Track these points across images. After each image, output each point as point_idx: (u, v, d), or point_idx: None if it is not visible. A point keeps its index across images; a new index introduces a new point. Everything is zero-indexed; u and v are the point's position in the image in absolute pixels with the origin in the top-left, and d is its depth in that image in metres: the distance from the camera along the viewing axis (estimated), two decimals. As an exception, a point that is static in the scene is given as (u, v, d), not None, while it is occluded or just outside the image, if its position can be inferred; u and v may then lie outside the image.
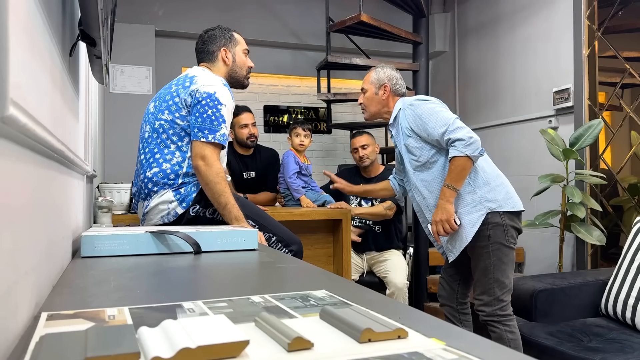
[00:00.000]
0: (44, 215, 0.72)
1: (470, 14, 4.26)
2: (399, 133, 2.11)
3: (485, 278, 1.95)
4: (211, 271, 1.01)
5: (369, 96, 2.18)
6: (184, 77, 1.80)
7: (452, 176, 1.91)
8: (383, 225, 3.10)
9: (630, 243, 2.17)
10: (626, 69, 2.96)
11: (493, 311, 1.94)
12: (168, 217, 1.69)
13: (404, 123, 2.06)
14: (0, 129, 0.46)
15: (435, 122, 1.95)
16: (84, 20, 1.00)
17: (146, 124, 1.80)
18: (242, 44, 1.93)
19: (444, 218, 1.92)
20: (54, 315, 0.60)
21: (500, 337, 1.92)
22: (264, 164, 3.09)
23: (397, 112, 2.11)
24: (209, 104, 1.69)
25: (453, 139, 1.88)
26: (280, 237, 1.78)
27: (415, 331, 0.52)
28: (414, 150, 2.04)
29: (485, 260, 1.94)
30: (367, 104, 2.19)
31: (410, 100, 2.08)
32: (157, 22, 3.87)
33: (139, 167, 1.79)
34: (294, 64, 4.38)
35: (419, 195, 2.08)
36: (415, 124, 2.01)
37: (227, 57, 1.88)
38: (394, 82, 2.16)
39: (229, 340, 0.44)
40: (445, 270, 2.21)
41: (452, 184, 1.91)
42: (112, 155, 3.60)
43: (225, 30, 1.91)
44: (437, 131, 1.93)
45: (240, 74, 1.91)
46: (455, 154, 1.88)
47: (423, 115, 1.99)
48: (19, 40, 0.49)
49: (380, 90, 2.15)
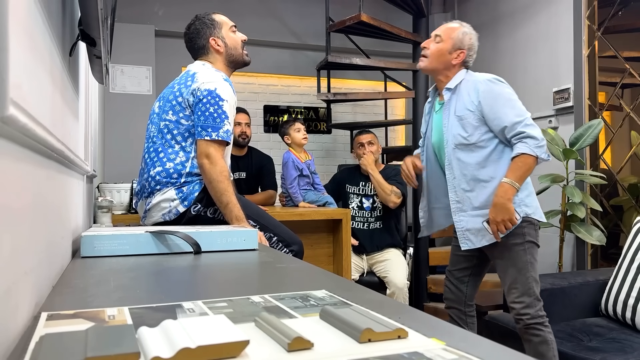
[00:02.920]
0: (44, 215, 0.72)
1: (470, 14, 4.26)
2: (452, 102, 1.92)
3: (524, 277, 1.83)
4: (211, 271, 1.01)
5: (441, 48, 1.95)
6: (185, 75, 1.80)
7: (517, 174, 1.77)
8: (383, 221, 3.11)
9: (630, 243, 2.17)
10: (626, 69, 2.96)
11: (536, 312, 1.82)
12: (169, 214, 1.70)
13: (470, 95, 1.88)
14: (0, 129, 0.46)
15: (511, 108, 1.81)
16: (84, 20, 1.00)
17: (152, 125, 1.81)
18: (225, 23, 1.88)
19: (505, 218, 1.78)
20: (54, 315, 0.60)
21: (545, 340, 1.80)
22: (257, 166, 3.11)
23: (460, 80, 1.93)
24: (210, 101, 1.69)
25: (527, 134, 1.76)
26: (281, 237, 1.78)
27: (415, 331, 0.52)
28: (467, 127, 1.86)
29: (522, 258, 1.84)
30: (433, 55, 1.96)
31: (487, 75, 1.91)
32: (157, 22, 3.86)
33: (143, 167, 1.80)
34: (294, 64, 4.38)
35: (450, 173, 1.91)
36: (486, 101, 1.84)
37: (218, 45, 1.85)
38: (471, 54, 1.97)
39: (229, 340, 0.44)
40: (452, 272, 2.10)
41: (515, 182, 1.77)
42: (112, 155, 3.60)
43: (204, 18, 1.87)
44: (509, 119, 1.79)
45: (237, 54, 1.87)
46: (525, 150, 1.75)
47: (500, 97, 1.84)
48: (19, 40, 0.49)
49: (454, 53, 1.94)
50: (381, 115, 4.60)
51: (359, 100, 4.14)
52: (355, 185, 3.19)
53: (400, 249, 3.14)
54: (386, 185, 2.99)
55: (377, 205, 3.11)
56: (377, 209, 3.12)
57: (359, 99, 4.05)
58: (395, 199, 2.99)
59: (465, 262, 2.04)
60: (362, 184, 3.16)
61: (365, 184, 3.15)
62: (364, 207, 3.14)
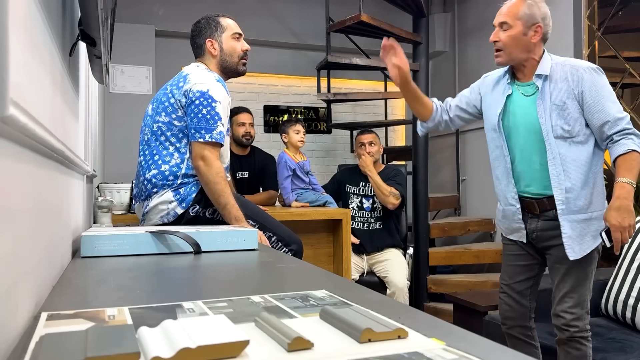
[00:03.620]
0: (44, 215, 0.72)
1: (470, 14, 4.26)
2: (546, 89, 1.70)
3: (582, 288, 1.70)
4: (211, 271, 1.01)
5: (513, 35, 1.71)
6: (178, 76, 1.79)
7: (634, 172, 1.59)
8: (383, 222, 3.11)
9: (630, 243, 2.17)
10: (626, 69, 2.96)
11: (584, 325, 1.69)
12: (167, 217, 1.69)
13: (569, 82, 1.68)
14: (0, 129, 0.46)
15: (614, 102, 1.65)
16: (84, 20, 1.01)
17: (145, 127, 1.80)
18: (230, 28, 1.83)
19: (632, 223, 1.57)
20: (54, 315, 0.60)
21: (584, 355, 1.69)
22: (260, 166, 3.11)
23: (550, 65, 1.72)
24: (202, 102, 1.67)
25: (633, 131, 1.62)
26: (280, 237, 1.78)
27: (415, 331, 0.52)
28: (568, 118, 1.67)
29: (587, 268, 1.70)
30: (508, 45, 1.72)
31: (587, 63, 1.73)
32: (157, 22, 3.87)
33: (138, 170, 1.79)
34: (294, 64, 4.38)
35: (555, 167, 1.68)
36: (590, 92, 1.65)
37: (213, 48, 1.82)
38: (547, 23, 1.73)
39: (229, 340, 0.44)
40: (511, 286, 1.84)
41: (633, 182, 1.60)
42: (112, 155, 3.60)
43: (211, 18, 1.83)
44: (613, 114, 1.63)
45: (231, 61, 1.83)
46: (636, 148, 1.59)
47: (604, 89, 1.67)
48: (19, 40, 0.49)
49: (530, 31, 1.70)
50: (381, 115, 4.60)
51: (359, 100, 4.14)
52: (355, 185, 3.19)
53: (400, 249, 3.14)
54: (385, 186, 2.98)
55: (377, 206, 3.11)
56: (377, 210, 3.12)
57: (359, 99, 4.05)
58: (393, 200, 2.98)
59: (528, 273, 1.83)
60: (362, 184, 3.16)
61: (365, 184, 3.15)
62: (364, 207, 3.14)
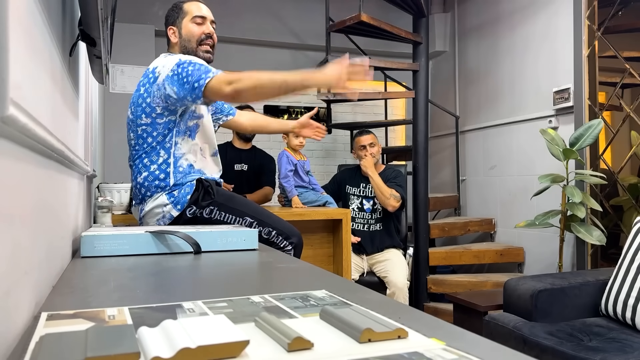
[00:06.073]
0: (44, 215, 0.72)
1: (470, 14, 4.26)
2: None
3: None
4: (211, 271, 1.01)
5: None
6: (145, 74, 1.73)
7: None
8: (384, 223, 3.11)
9: (630, 243, 2.16)
10: (626, 69, 2.96)
11: None
12: (164, 220, 1.69)
13: None
14: (0, 129, 0.46)
15: None
16: (84, 20, 1.01)
17: (130, 132, 1.76)
18: (190, 13, 1.75)
19: None
20: (54, 315, 0.60)
21: None
22: (259, 162, 3.18)
23: None
24: (182, 66, 1.59)
25: None
26: (280, 230, 1.77)
27: (415, 331, 0.52)
28: None
29: None
30: None
31: None
32: (157, 22, 3.86)
33: (131, 175, 1.78)
34: (294, 64, 4.38)
35: None
36: None
37: (174, 35, 1.77)
38: None
39: (229, 340, 0.44)
40: None
41: None
42: (112, 155, 3.60)
43: (176, 5, 1.77)
44: None
45: (189, 47, 1.75)
46: None
47: None
48: (19, 40, 0.49)
49: None
50: (381, 115, 4.60)
51: (359, 100, 4.14)
52: (355, 186, 3.19)
53: (400, 249, 3.14)
54: (385, 188, 2.98)
55: (377, 207, 3.11)
56: (377, 211, 3.12)
57: (359, 99, 4.05)
58: (394, 202, 2.99)
59: None
60: (362, 186, 3.16)
61: (365, 186, 3.15)
62: (365, 208, 3.14)
